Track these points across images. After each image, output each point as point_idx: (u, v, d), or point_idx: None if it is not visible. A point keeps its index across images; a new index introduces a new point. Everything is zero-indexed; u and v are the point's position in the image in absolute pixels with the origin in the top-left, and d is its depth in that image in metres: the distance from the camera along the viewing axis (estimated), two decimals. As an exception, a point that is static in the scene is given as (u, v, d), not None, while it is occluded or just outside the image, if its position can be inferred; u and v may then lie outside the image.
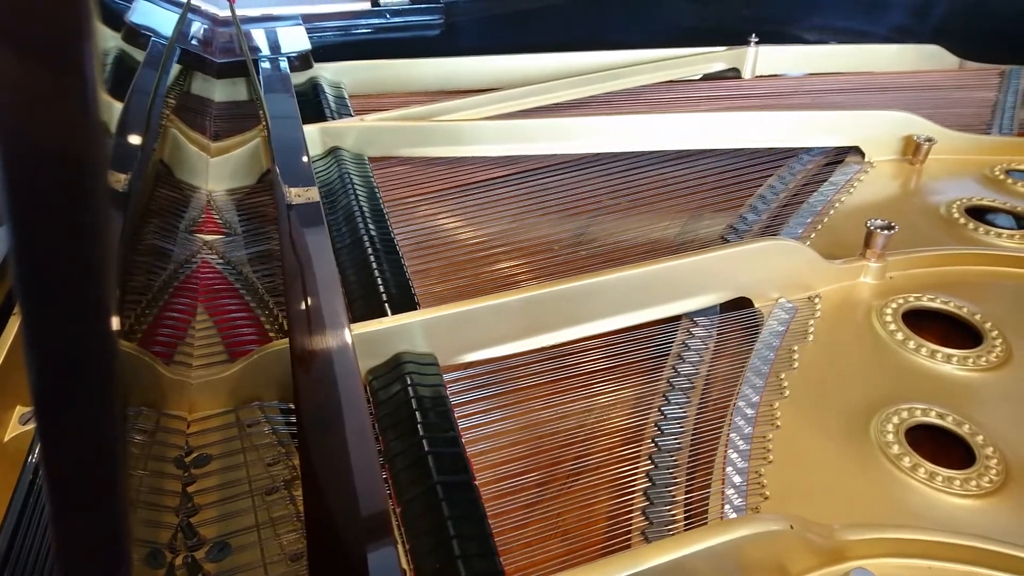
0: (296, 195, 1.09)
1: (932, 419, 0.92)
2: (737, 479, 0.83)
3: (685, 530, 0.77)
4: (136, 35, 1.38)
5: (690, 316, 1.09)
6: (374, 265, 1.10)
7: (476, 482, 0.78)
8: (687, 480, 0.84)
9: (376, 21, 1.94)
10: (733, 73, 2.01)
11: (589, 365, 1.01)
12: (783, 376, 0.98)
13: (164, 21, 1.50)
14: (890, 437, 0.88)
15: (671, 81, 1.92)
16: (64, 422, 0.39)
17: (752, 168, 1.50)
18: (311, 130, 1.40)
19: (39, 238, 0.37)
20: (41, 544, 0.68)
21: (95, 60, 0.36)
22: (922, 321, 1.09)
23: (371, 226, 1.20)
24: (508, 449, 0.87)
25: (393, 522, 0.71)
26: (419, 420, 0.83)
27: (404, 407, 0.86)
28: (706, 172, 1.49)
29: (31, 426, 0.83)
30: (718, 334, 1.07)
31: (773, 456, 0.86)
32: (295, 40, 1.75)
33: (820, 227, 1.31)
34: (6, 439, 0.83)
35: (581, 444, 0.89)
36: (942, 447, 0.89)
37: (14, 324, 0.87)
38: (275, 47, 1.71)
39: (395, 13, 1.96)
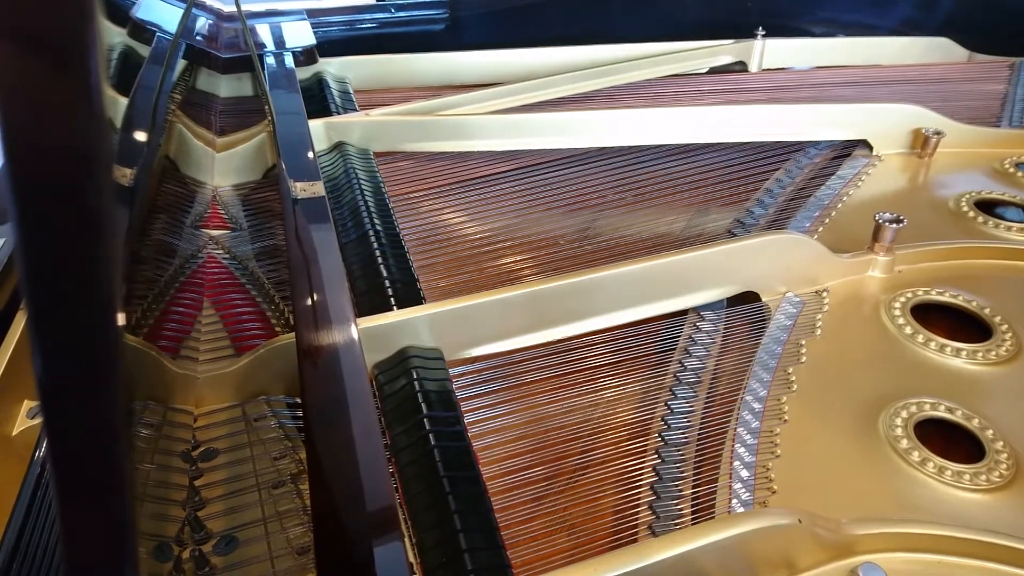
0: (301, 190, 1.09)
1: (941, 413, 0.91)
2: (744, 473, 0.83)
3: (692, 524, 0.77)
4: (141, 30, 1.38)
5: (697, 310, 1.09)
6: (379, 260, 1.10)
7: (482, 476, 0.78)
8: (694, 474, 0.84)
9: (381, 16, 1.94)
10: (739, 67, 2.00)
11: (595, 360, 1.00)
12: (790, 370, 0.98)
13: (169, 16, 1.50)
14: (899, 431, 0.88)
15: (677, 75, 1.91)
16: (70, 416, 0.39)
17: (759, 162, 1.49)
18: (316, 125, 1.40)
19: (44, 233, 0.37)
20: (49, 538, 0.68)
21: (100, 56, 0.36)
22: (931, 315, 1.09)
23: (376, 221, 1.20)
24: (514, 443, 0.87)
25: (400, 516, 0.71)
26: (425, 414, 0.84)
27: (410, 401, 0.86)
28: (712, 166, 1.48)
29: (38, 420, 0.83)
30: (725, 328, 1.06)
31: (781, 450, 0.86)
32: (300, 35, 1.75)
33: (828, 221, 1.31)
34: (14, 433, 0.83)
35: (587, 438, 0.89)
36: (951, 441, 0.89)
37: (21, 319, 0.87)
38: (280, 42, 1.71)
39: (400, 8, 1.95)
